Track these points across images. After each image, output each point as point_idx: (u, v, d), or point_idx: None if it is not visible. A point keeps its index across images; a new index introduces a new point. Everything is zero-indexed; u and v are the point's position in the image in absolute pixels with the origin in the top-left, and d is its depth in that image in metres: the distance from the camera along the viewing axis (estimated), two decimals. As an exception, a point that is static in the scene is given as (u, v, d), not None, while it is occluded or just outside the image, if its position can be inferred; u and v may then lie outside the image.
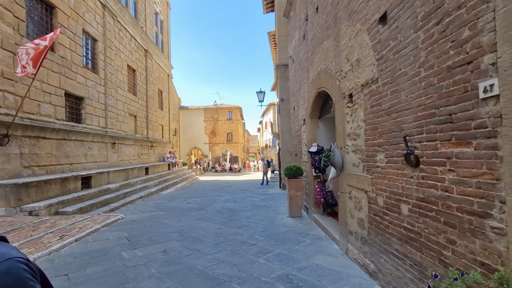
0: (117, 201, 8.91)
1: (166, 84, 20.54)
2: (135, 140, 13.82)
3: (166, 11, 21.07)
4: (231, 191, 13.05)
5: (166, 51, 20.50)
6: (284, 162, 12.39)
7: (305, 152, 6.91)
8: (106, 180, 9.64)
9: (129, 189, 10.36)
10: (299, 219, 6.59)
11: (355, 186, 3.65)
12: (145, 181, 12.45)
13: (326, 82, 4.85)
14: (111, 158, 11.29)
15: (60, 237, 5.04)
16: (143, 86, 15.57)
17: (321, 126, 6.25)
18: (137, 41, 14.67)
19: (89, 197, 7.94)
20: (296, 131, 8.12)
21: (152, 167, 14.69)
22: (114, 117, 11.73)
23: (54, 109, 8.04)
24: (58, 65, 8.28)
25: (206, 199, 10.35)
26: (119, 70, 12.40)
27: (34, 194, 6.32)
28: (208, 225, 6.36)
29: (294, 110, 8.21)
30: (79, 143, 9.10)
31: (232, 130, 36.51)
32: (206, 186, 15.46)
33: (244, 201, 9.65)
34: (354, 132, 3.68)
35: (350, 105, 3.78)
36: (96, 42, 10.66)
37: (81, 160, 9.14)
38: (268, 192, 12.21)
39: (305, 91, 6.59)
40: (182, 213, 7.78)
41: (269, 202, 9.40)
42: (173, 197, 11.20)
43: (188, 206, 8.92)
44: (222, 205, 9.08)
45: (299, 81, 7.35)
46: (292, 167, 6.66)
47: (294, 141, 8.54)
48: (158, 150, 17.71)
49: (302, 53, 6.88)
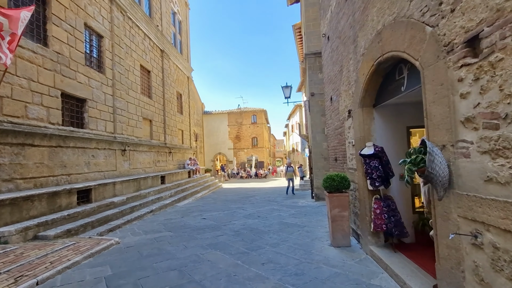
0: (120, 217, 7.59)
1: (186, 87, 19.52)
2: (150, 147, 12.68)
3: (185, 12, 20.19)
4: (255, 201, 11.34)
5: (185, 53, 19.53)
6: (316, 167, 10.46)
7: (351, 156, 5.00)
8: (111, 193, 8.41)
9: (138, 202, 9.06)
10: (347, 250, 4.67)
11: (495, 225, 1.76)
12: (159, 192, 11.16)
13: (397, 41, 2.98)
14: (121, 166, 10.13)
15: (15, 280, 3.65)
16: (159, 88, 14.52)
17: (377, 117, 4.33)
18: (152, 40, 13.67)
19: (85, 214, 6.66)
20: (335, 129, 6.24)
21: (170, 175, 13.46)
22: (124, 121, 10.62)
23: (46, 111, 6.94)
24: (52, 61, 7.21)
25: (225, 214, 8.73)
26: (130, 70, 11.35)
27: (8, 215, 5.09)
28: (221, 257, 4.68)
29: (332, 102, 6.35)
30: (80, 150, 7.96)
31: (257, 134, 35.00)
32: (228, 196, 13.90)
33: (270, 217, 7.87)
34: (488, 113, 1.80)
35: (472, 60, 1.90)
36: (102, 39, 9.63)
37: (82, 170, 7.98)
38: (298, 204, 10.31)
39: (351, 70, 4.73)
40: (192, 235, 6.20)
41: (301, 218, 7.54)
42: (189, 210, 9.74)
43: (202, 224, 7.34)
44: (242, 222, 7.39)
45: (339, 61, 5.49)
46: (334, 177, 4.78)
47: (332, 142, 6.64)
48: (178, 156, 16.57)
49: (343, 20, 5.04)
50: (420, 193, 4.54)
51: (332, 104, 6.32)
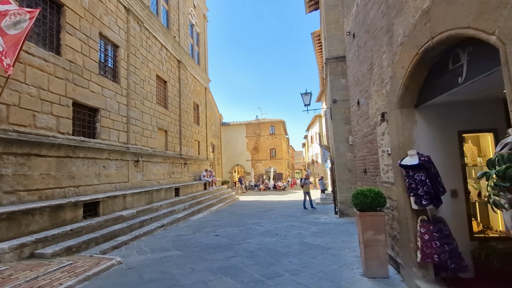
0: (128, 232, 7.11)
1: (203, 97, 19.38)
2: (165, 158, 12.36)
3: (203, 24, 20.35)
4: (273, 216, 10.55)
5: (202, 64, 19.52)
6: (340, 180, 9.56)
7: (386, 167, 4.20)
8: (121, 205, 8.01)
9: (149, 215, 8.59)
10: (385, 284, 3.80)
11: None
12: (173, 205, 10.68)
13: (457, 15, 2.27)
14: (134, 178, 9.79)
15: (-7, 310, 3.16)
16: (176, 98, 14.36)
17: (420, 120, 3.55)
18: (169, 50, 13.63)
19: (90, 229, 6.23)
20: (363, 136, 5.46)
21: (185, 187, 13.02)
22: (138, 131, 10.38)
23: (56, 120, 6.72)
24: (65, 70, 7.06)
25: (240, 230, 8.02)
26: (146, 80, 11.21)
27: (4, 230, 4.72)
28: (231, 286, 3.97)
29: (359, 106, 5.60)
30: (90, 161, 7.68)
31: (275, 146, 34.29)
32: (244, 209, 13.19)
33: (289, 235, 7.07)
34: None
35: None
36: (117, 49, 9.55)
37: (91, 182, 7.66)
38: (320, 220, 9.40)
39: (384, 66, 4.01)
40: (201, 256, 5.54)
41: (324, 238, 6.68)
42: (202, 225, 9.13)
43: (214, 242, 6.68)
44: (259, 241, 6.64)
45: (368, 57, 4.79)
46: (367, 193, 3.99)
47: (360, 151, 5.84)
48: (194, 168, 16.19)
49: (373, 11, 4.37)
50: (479, 213, 3.64)
51: (360, 108, 5.57)
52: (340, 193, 9.47)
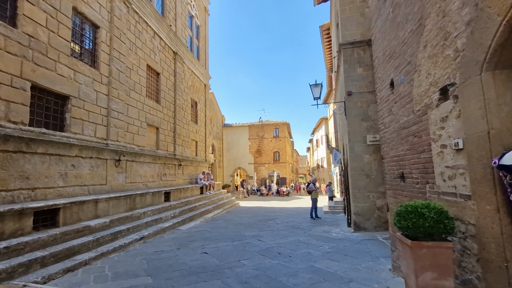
0: (94, 248, 5.68)
1: (202, 94, 18.04)
2: (155, 157, 10.97)
3: (204, 17, 19.10)
4: (275, 227, 9.05)
5: (202, 59, 18.23)
6: (356, 187, 8.04)
7: (452, 171, 2.72)
8: (91, 213, 6.60)
9: (127, 225, 7.18)
10: None
11: None
12: (160, 212, 9.25)
13: None
14: (114, 180, 8.40)
15: None
16: (170, 93, 13.01)
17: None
18: (163, 39, 12.33)
19: (38, 245, 4.81)
20: (400, 129, 3.98)
21: (177, 191, 11.60)
22: (122, 126, 9.01)
23: (5, 106, 5.37)
24: (21, 45, 5.73)
25: (234, 246, 6.55)
26: (133, 69, 9.89)
27: None
28: None
29: (393, 88, 4.13)
30: (54, 158, 6.30)
31: (279, 149, 32.77)
32: (244, 218, 11.70)
33: (295, 256, 5.57)
34: None
35: None
36: (98, 30, 8.24)
37: (54, 184, 6.28)
38: (331, 234, 7.88)
39: (454, 8, 2.55)
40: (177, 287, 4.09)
41: (341, 262, 5.16)
42: (191, 237, 7.68)
43: (199, 263, 5.22)
44: (256, 263, 5.16)
45: (415, 12, 3.33)
46: (423, 211, 2.50)
47: (393, 149, 4.34)
48: (190, 170, 14.78)
49: None
50: None
51: (395, 90, 4.10)
52: (356, 202, 7.95)
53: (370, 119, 8.09)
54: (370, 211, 7.80)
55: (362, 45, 8.26)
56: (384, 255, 5.41)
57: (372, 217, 7.79)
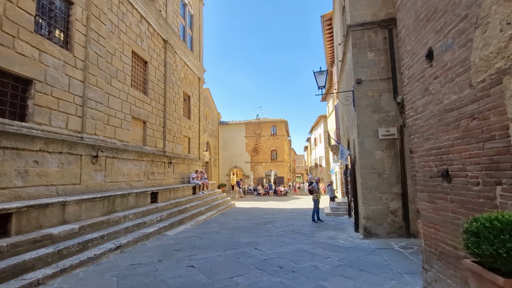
0: (54, 262, 4.64)
1: (196, 88, 16.98)
2: (141, 154, 9.92)
3: (198, 6, 18.02)
4: (274, 232, 8.07)
5: (196, 50, 17.16)
6: (366, 187, 7.07)
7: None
8: (56, 219, 5.55)
9: (102, 231, 6.14)
10: None
11: None
12: (144, 215, 8.22)
13: None
14: (90, 179, 7.34)
15: None
16: (160, 84, 11.95)
17: None
18: (151, 25, 11.26)
19: (-27, 262, 3.77)
20: (445, 111, 3.00)
21: (166, 191, 10.56)
22: (100, 118, 7.94)
23: None
24: (-36, 12, 4.67)
25: (227, 257, 5.54)
26: (115, 54, 8.82)
27: None
28: None
29: (433, 59, 3.16)
30: (9, 153, 5.25)
31: (276, 147, 31.81)
32: (239, 220, 10.70)
33: (299, 272, 4.58)
34: None
35: None
36: (72, 6, 7.17)
37: (10, 183, 5.22)
38: (339, 241, 6.90)
39: None
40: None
41: (356, 280, 4.17)
42: (178, 244, 6.66)
43: (182, 281, 4.20)
44: (252, 283, 4.15)
45: None
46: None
47: (431, 140, 3.36)
48: (181, 168, 13.73)
49: None
50: None
51: (436, 62, 3.12)
52: (366, 205, 6.99)
53: (382, 110, 7.13)
54: (383, 215, 6.84)
55: (373, 26, 7.30)
56: (408, 271, 4.45)
57: (385, 222, 6.83)
